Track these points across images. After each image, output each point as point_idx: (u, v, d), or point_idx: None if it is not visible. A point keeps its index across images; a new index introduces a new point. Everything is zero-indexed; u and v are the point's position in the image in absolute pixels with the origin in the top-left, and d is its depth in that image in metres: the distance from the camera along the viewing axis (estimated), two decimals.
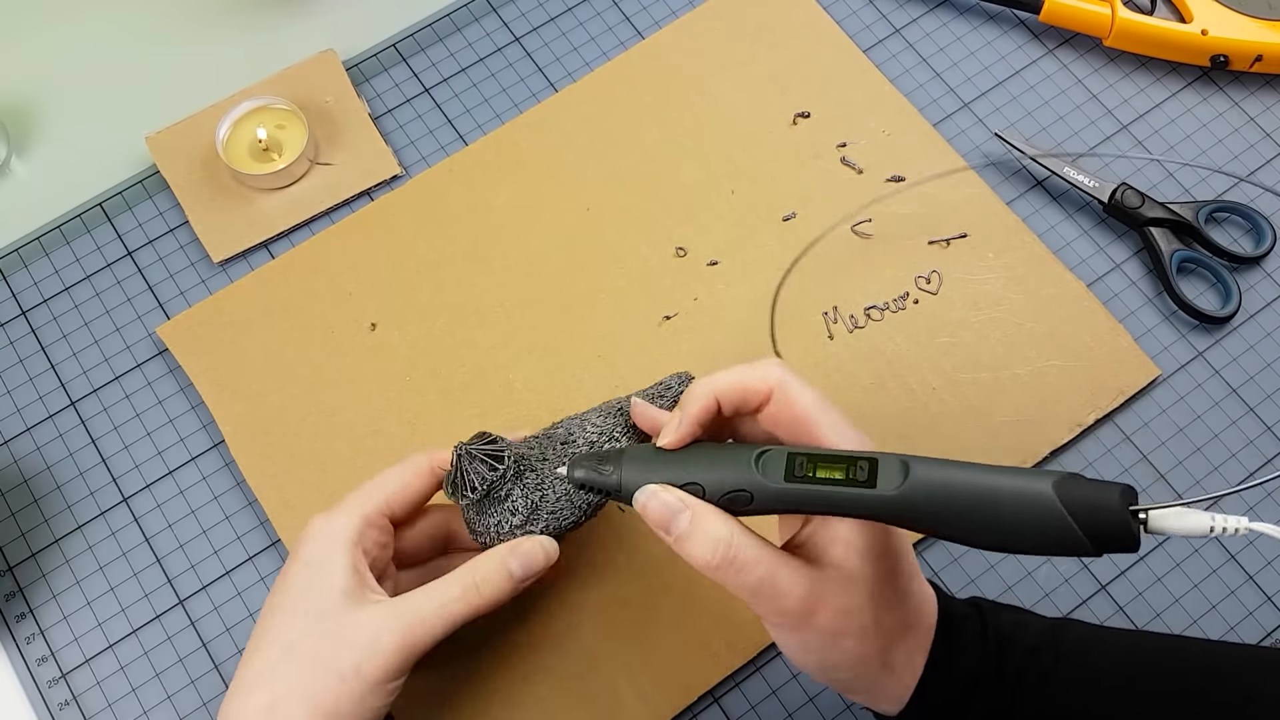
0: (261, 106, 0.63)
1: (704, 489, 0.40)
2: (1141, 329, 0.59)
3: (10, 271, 0.61)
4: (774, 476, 0.39)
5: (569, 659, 0.52)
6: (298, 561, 0.45)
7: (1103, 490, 0.36)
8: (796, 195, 0.62)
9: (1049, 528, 0.36)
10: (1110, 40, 0.65)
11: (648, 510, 0.40)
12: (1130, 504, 0.36)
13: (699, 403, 0.42)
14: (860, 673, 0.41)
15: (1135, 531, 0.36)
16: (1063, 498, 0.36)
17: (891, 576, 0.40)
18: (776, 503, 0.39)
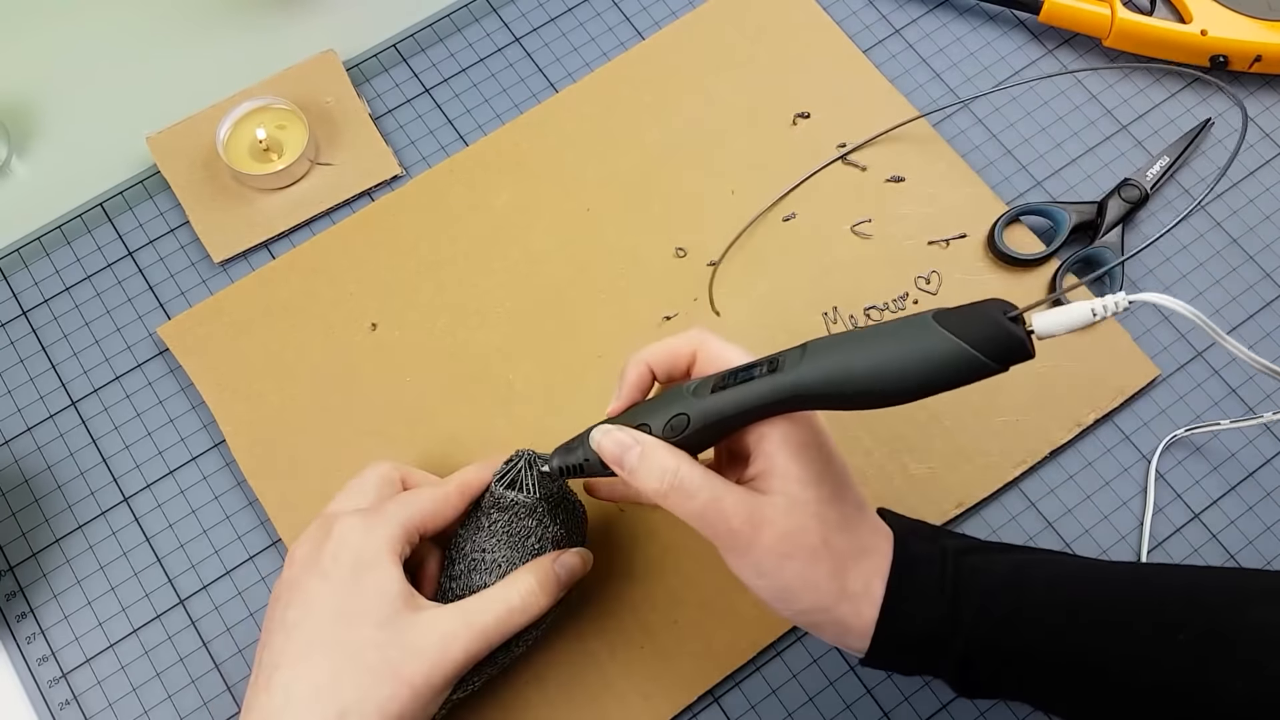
0: (262, 106, 0.63)
1: (650, 426, 0.43)
2: (1141, 329, 0.59)
3: (10, 271, 0.61)
4: (703, 395, 0.43)
5: (569, 659, 0.52)
6: (340, 566, 0.44)
7: (977, 307, 0.38)
8: (796, 195, 0.62)
9: (939, 354, 0.38)
10: (1110, 40, 0.65)
11: (603, 447, 0.43)
12: (1005, 312, 0.38)
13: (634, 371, 0.45)
14: (816, 599, 0.42)
15: (1021, 336, 0.37)
16: (943, 323, 0.38)
17: (836, 501, 0.42)
18: (709, 416, 0.42)
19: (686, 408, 0.43)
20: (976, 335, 0.37)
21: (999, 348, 0.37)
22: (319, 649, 0.42)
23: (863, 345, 0.40)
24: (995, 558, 0.44)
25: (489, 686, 0.52)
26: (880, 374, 0.39)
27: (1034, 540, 0.55)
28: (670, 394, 0.44)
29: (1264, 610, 0.41)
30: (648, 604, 0.53)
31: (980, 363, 0.37)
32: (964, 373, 0.38)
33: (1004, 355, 0.37)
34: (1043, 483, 0.56)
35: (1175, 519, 0.56)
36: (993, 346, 0.37)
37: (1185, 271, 0.61)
